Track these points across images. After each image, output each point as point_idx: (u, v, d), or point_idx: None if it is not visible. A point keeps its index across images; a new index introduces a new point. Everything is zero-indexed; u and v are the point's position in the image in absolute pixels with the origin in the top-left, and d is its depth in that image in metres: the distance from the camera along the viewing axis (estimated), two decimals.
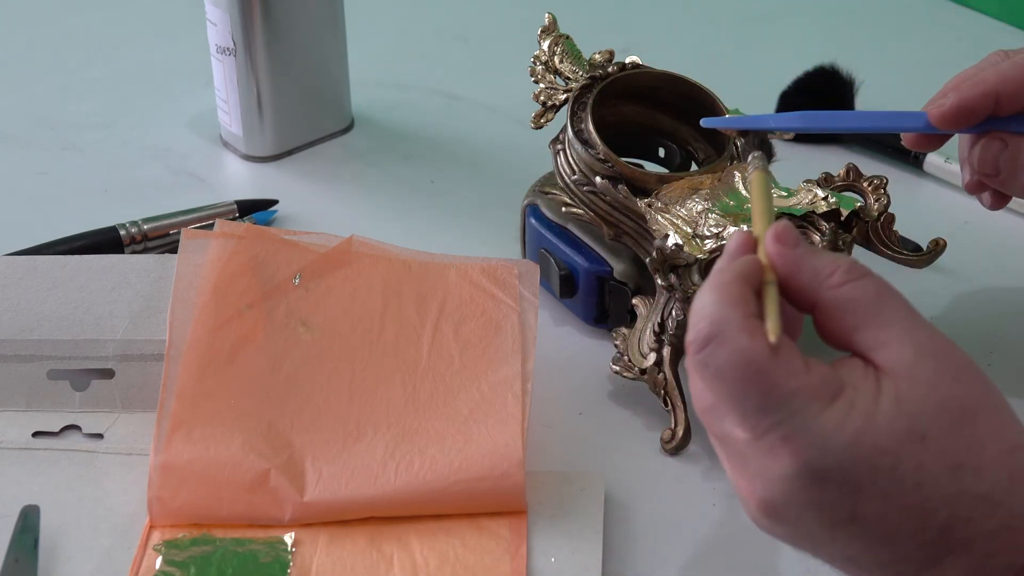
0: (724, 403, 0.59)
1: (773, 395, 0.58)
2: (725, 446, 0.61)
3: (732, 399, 0.59)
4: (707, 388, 0.60)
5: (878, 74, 1.06)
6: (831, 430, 0.58)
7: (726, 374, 0.59)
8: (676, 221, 0.80)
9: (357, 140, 1.05)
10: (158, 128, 1.06)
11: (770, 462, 0.58)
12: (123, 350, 0.82)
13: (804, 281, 0.61)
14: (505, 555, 0.73)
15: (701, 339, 0.59)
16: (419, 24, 1.18)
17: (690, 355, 0.60)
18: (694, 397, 0.62)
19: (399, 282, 0.83)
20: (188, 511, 0.75)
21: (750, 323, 0.59)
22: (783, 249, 0.61)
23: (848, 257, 0.62)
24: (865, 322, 0.60)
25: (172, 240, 0.94)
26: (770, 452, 0.58)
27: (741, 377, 0.58)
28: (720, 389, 0.59)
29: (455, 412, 0.78)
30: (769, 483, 0.59)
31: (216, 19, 0.98)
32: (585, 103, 0.85)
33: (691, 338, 0.60)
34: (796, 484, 0.58)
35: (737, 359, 0.58)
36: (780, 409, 0.58)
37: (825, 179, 0.85)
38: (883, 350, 0.59)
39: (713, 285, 0.60)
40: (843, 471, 0.58)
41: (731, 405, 0.59)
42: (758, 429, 0.59)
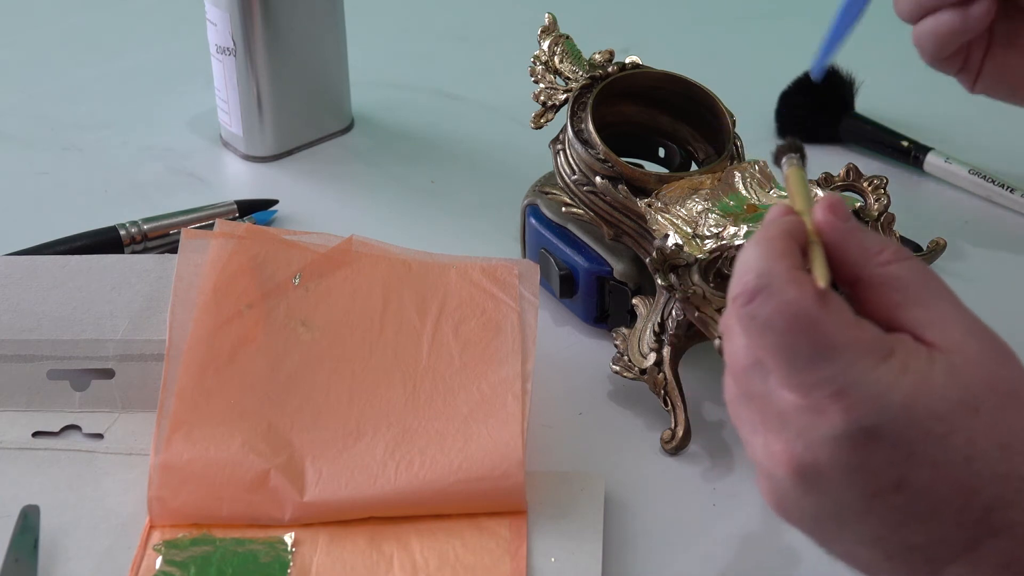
0: (772, 358, 0.58)
1: (825, 347, 0.57)
2: (763, 407, 0.59)
3: (781, 352, 0.57)
4: (752, 343, 0.58)
5: (878, 74, 1.06)
6: (885, 387, 0.56)
7: (776, 325, 0.57)
8: (676, 221, 0.80)
9: (357, 140, 1.05)
10: (158, 128, 1.06)
11: (817, 420, 0.57)
12: (123, 350, 0.82)
13: (852, 254, 0.60)
14: (505, 555, 0.73)
15: (749, 291, 0.58)
16: (419, 24, 1.18)
17: (735, 308, 0.58)
18: (731, 356, 0.60)
19: (399, 282, 0.83)
20: (188, 511, 0.75)
21: (798, 274, 0.58)
22: (835, 220, 0.60)
23: (894, 240, 0.61)
24: (913, 300, 0.59)
25: (172, 240, 0.94)
26: (818, 409, 0.57)
27: (792, 328, 0.57)
28: (768, 342, 0.57)
29: (455, 412, 0.78)
30: (813, 444, 0.57)
31: (216, 19, 0.98)
32: (585, 103, 0.85)
33: (737, 291, 0.58)
34: (845, 444, 0.56)
35: (787, 309, 0.57)
36: (832, 362, 0.57)
37: (825, 179, 0.85)
38: (931, 328, 0.58)
39: (758, 240, 0.59)
40: (896, 432, 0.56)
41: (779, 359, 0.57)
42: (807, 383, 0.57)
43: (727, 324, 0.60)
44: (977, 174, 0.98)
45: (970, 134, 1.03)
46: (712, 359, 0.80)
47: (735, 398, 0.61)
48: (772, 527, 0.76)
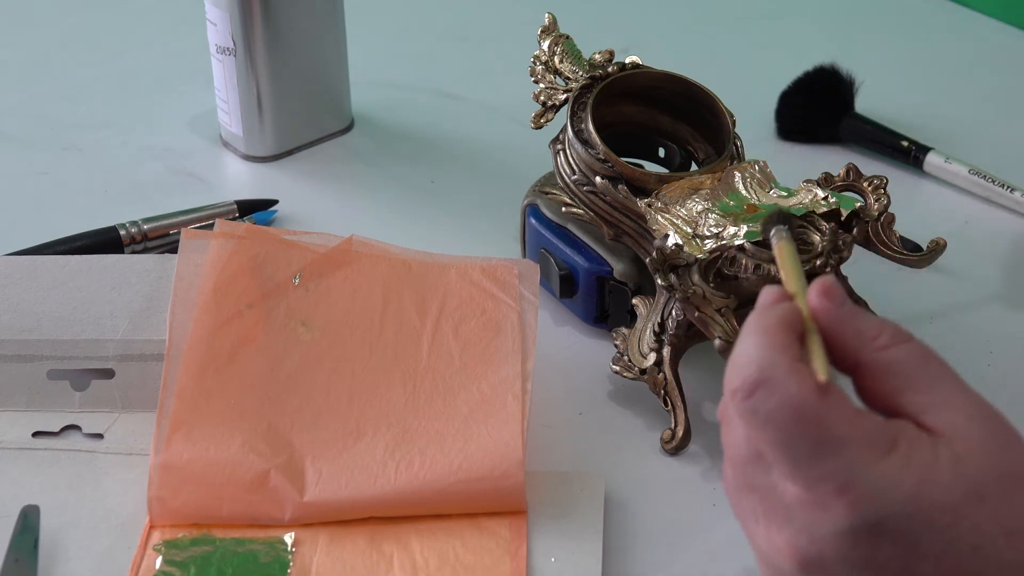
0: (774, 452, 0.57)
1: (828, 441, 0.56)
2: (765, 499, 0.59)
3: (784, 447, 0.57)
4: (754, 437, 0.58)
5: (878, 74, 1.06)
6: (890, 481, 0.56)
7: (778, 420, 0.57)
8: (676, 221, 0.80)
9: (357, 140, 1.05)
10: (158, 128, 1.06)
11: (821, 515, 0.57)
12: (123, 350, 0.82)
13: (848, 340, 0.59)
14: (505, 555, 0.73)
15: (749, 385, 0.57)
16: (419, 24, 1.18)
17: (736, 403, 0.58)
18: (731, 447, 0.60)
19: (399, 282, 0.83)
20: (188, 511, 0.75)
21: (798, 367, 0.57)
22: (830, 305, 0.60)
23: (892, 322, 0.61)
24: (912, 385, 0.59)
25: (172, 240, 0.94)
26: (822, 504, 0.56)
27: (794, 422, 0.57)
28: (771, 437, 0.57)
29: (455, 412, 0.78)
30: (818, 539, 0.57)
31: (216, 19, 0.98)
32: (585, 103, 0.85)
33: (736, 385, 0.58)
34: (849, 539, 0.56)
35: (789, 403, 0.57)
36: (836, 456, 0.56)
37: (825, 179, 0.85)
38: (933, 413, 0.58)
39: (756, 330, 0.59)
40: (901, 525, 0.56)
41: (782, 453, 0.57)
42: (811, 478, 0.57)
43: (725, 414, 0.60)
44: (977, 174, 0.98)
45: (970, 134, 1.03)
46: (712, 359, 0.80)
47: (735, 488, 0.61)
48: None
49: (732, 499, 0.61)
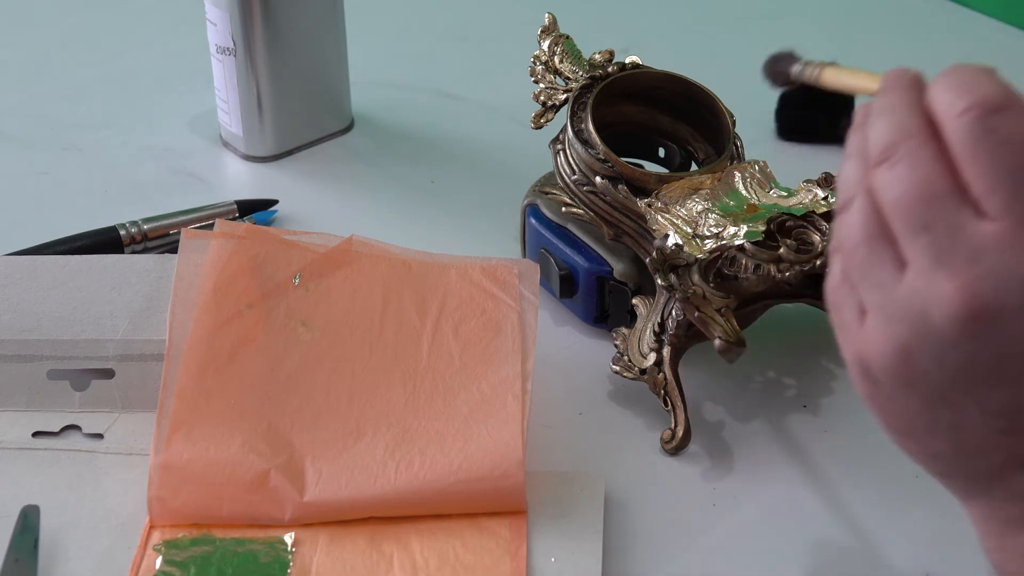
0: (996, 178, 0.54)
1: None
2: (943, 240, 0.55)
3: (1012, 173, 0.54)
4: (977, 159, 0.55)
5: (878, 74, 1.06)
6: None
7: (1018, 144, 0.54)
8: (676, 221, 0.80)
9: (357, 140, 1.05)
10: (158, 128, 1.06)
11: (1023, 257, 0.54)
12: (123, 350, 0.82)
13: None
14: (505, 555, 0.73)
15: (992, 104, 0.55)
16: (419, 24, 1.18)
17: (967, 120, 0.55)
18: (910, 184, 0.56)
19: (399, 282, 0.83)
20: (188, 511, 0.75)
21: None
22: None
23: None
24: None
25: (172, 240, 0.94)
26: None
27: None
28: (1002, 160, 0.54)
29: (455, 412, 0.78)
30: (1008, 283, 0.54)
31: (216, 19, 0.98)
32: (585, 103, 0.85)
33: (972, 102, 0.55)
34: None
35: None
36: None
37: (825, 179, 0.85)
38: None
39: (977, 67, 0.56)
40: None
41: (1007, 181, 0.54)
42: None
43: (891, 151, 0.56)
44: None
45: None
46: (712, 359, 0.81)
47: (872, 236, 0.57)
48: (772, 527, 0.76)
49: (863, 252, 0.57)
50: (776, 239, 0.80)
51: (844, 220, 0.58)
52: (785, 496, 0.78)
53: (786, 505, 0.77)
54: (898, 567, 0.74)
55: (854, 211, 0.58)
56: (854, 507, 0.77)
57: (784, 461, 0.80)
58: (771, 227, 0.80)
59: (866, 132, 0.58)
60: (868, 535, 0.76)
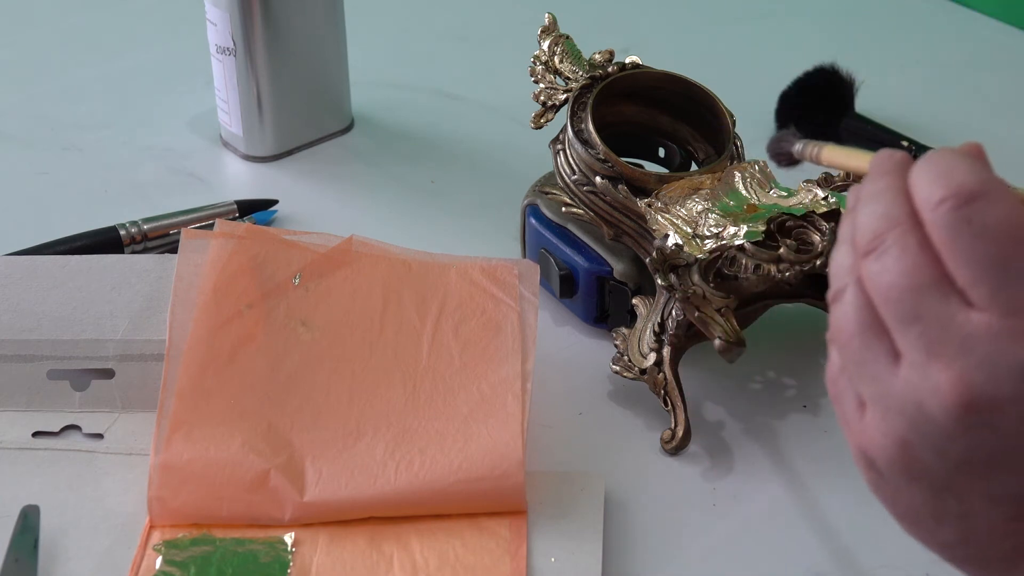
0: (977, 270, 0.54)
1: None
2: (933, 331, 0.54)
3: (993, 263, 0.53)
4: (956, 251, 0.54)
5: (878, 74, 1.06)
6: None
7: (996, 233, 0.53)
8: (676, 221, 0.80)
9: (357, 140, 1.05)
10: (158, 128, 1.06)
11: (1014, 345, 0.53)
12: (123, 350, 0.82)
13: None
14: (505, 555, 0.73)
15: (967, 194, 0.54)
16: (419, 24, 1.18)
17: (943, 212, 0.54)
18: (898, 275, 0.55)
19: (399, 282, 0.83)
20: (188, 511, 0.75)
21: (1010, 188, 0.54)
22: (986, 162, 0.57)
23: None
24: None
25: (172, 240, 0.94)
26: (1020, 333, 0.53)
27: (1014, 239, 0.53)
28: (980, 251, 0.54)
29: (455, 412, 0.78)
30: (1001, 373, 0.53)
31: (216, 19, 0.98)
32: (585, 103, 0.85)
33: (947, 193, 0.54)
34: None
35: (1013, 218, 0.53)
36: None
37: (825, 179, 0.85)
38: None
39: (957, 152, 0.56)
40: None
41: (988, 271, 0.53)
42: (1016, 302, 0.53)
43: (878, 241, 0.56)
44: None
45: (970, 134, 1.02)
46: (712, 359, 0.81)
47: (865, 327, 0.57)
48: (772, 527, 0.76)
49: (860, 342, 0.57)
50: (776, 239, 0.80)
51: (837, 311, 0.58)
52: (785, 496, 0.78)
53: (786, 505, 0.77)
54: (898, 567, 0.74)
55: (847, 302, 0.57)
56: (854, 507, 0.77)
57: (784, 461, 0.80)
58: (771, 227, 0.80)
59: (855, 218, 0.58)
60: (868, 535, 0.76)
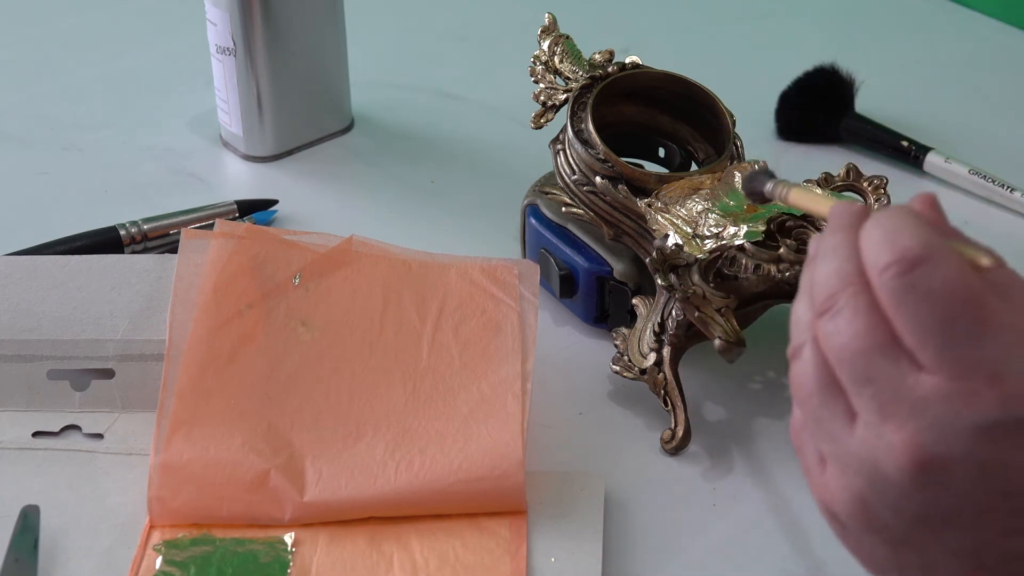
0: (923, 334, 0.54)
1: (986, 325, 0.54)
2: (883, 394, 0.55)
3: (939, 327, 0.54)
4: (902, 317, 0.55)
5: (878, 74, 1.06)
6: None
7: (940, 297, 0.54)
8: (676, 221, 0.80)
9: (357, 140, 1.05)
10: (158, 128, 1.06)
11: (964, 406, 0.53)
12: (123, 350, 0.82)
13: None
14: (505, 555, 0.73)
15: (911, 259, 0.54)
16: (419, 24, 1.18)
17: (888, 277, 0.55)
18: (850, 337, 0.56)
19: (399, 282, 0.83)
20: (188, 511, 0.75)
21: (955, 251, 0.55)
22: (940, 217, 0.58)
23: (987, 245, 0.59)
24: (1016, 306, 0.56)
25: (172, 240, 0.94)
26: (969, 394, 0.53)
27: (959, 301, 0.54)
28: (925, 315, 0.54)
29: (455, 412, 0.78)
30: (951, 434, 0.54)
31: (216, 19, 0.98)
32: (585, 103, 0.85)
33: (892, 259, 0.55)
34: (988, 435, 0.53)
35: (956, 280, 0.54)
36: (992, 342, 0.54)
37: (825, 179, 0.85)
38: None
39: (907, 212, 0.56)
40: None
41: (935, 335, 0.54)
42: (963, 364, 0.54)
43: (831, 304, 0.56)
44: (977, 174, 0.98)
45: (970, 134, 1.03)
46: (712, 359, 0.81)
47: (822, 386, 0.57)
48: (772, 527, 0.76)
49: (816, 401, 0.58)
50: (776, 239, 0.80)
51: (796, 368, 0.59)
52: (785, 496, 0.78)
53: (786, 505, 0.77)
54: None
55: (805, 360, 0.58)
56: None
57: (784, 461, 0.80)
58: (771, 227, 0.80)
59: (814, 272, 0.58)
60: None
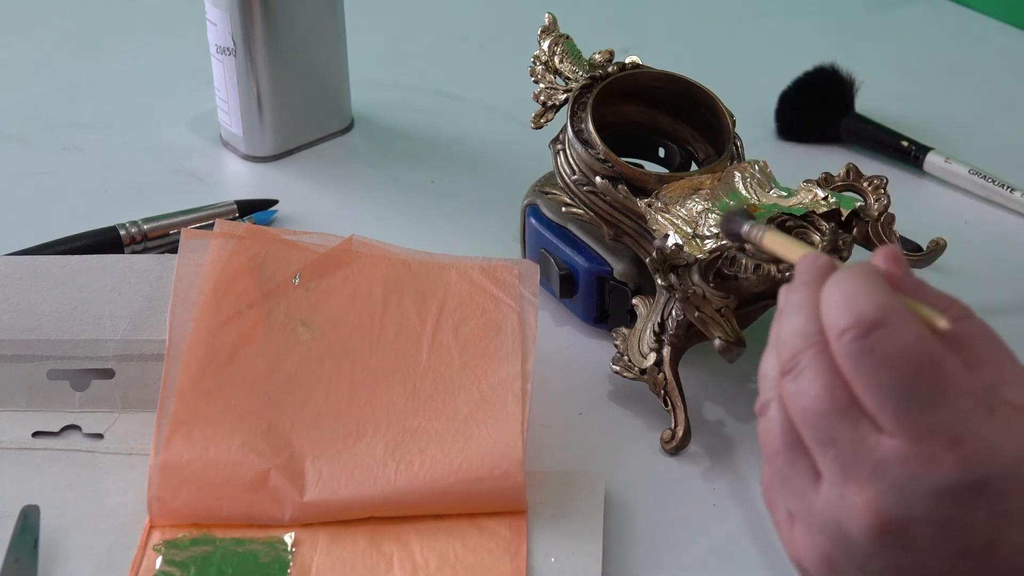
0: (882, 399, 0.54)
1: (945, 390, 0.54)
2: (844, 456, 0.56)
3: (897, 391, 0.54)
4: (859, 381, 0.55)
5: (878, 74, 1.06)
6: (997, 441, 0.54)
7: (897, 362, 0.54)
8: (676, 221, 0.80)
9: (357, 140, 1.05)
10: (158, 128, 1.06)
11: (923, 470, 0.54)
12: (123, 350, 0.82)
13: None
14: (505, 555, 0.73)
15: (868, 323, 0.54)
16: (419, 24, 1.18)
17: (846, 342, 0.55)
18: (811, 399, 0.56)
19: (399, 282, 0.83)
20: (188, 511, 0.75)
21: (913, 313, 0.55)
22: (900, 272, 0.58)
23: (954, 296, 0.59)
24: (981, 359, 0.57)
25: (172, 240, 0.94)
26: (929, 458, 0.54)
27: (916, 366, 0.54)
28: (884, 381, 0.54)
29: (455, 412, 0.78)
30: (911, 497, 0.54)
31: (216, 19, 0.98)
32: (585, 103, 0.85)
33: (848, 323, 0.55)
34: (948, 498, 0.54)
35: (913, 345, 0.54)
36: (951, 407, 0.54)
37: (825, 179, 0.85)
38: (1006, 387, 0.56)
39: (863, 273, 0.56)
40: (1001, 488, 0.54)
41: (893, 400, 0.54)
42: (921, 428, 0.54)
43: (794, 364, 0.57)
44: (977, 174, 0.98)
45: (970, 134, 1.03)
46: (712, 359, 0.81)
47: (788, 445, 0.58)
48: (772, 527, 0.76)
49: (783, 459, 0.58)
50: None
51: (763, 425, 0.59)
52: None
53: None
54: None
55: (771, 418, 0.58)
56: None
57: None
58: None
59: (780, 327, 0.59)
60: None
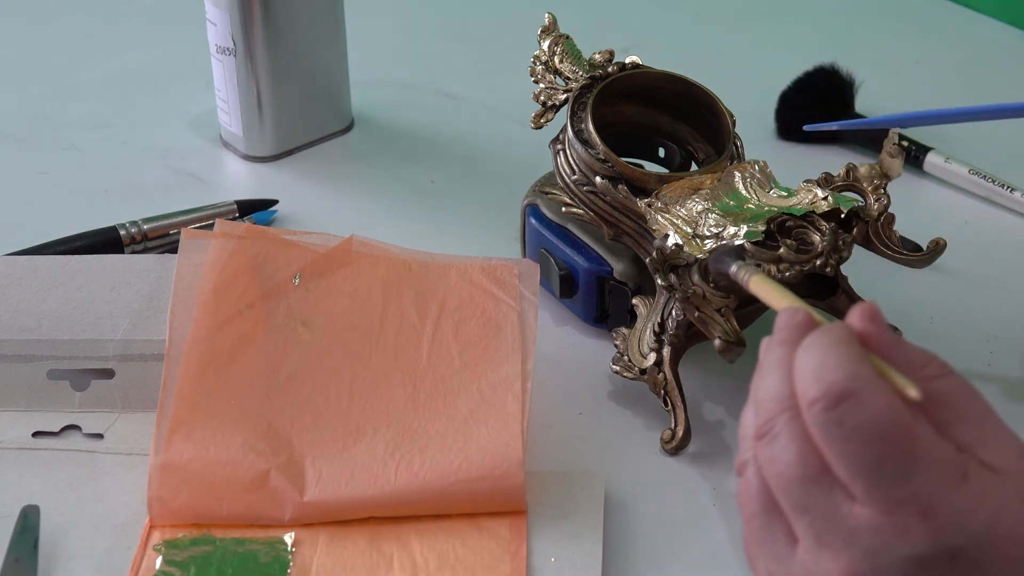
0: (852, 469, 0.55)
1: (915, 461, 0.54)
2: (818, 523, 0.56)
3: (867, 464, 0.54)
4: (830, 452, 0.55)
5: (878, 74, 1.06)
6: (969, 509, 0.54)
7: (867, 434, 0.54)
8: (676, 221, 0.80)
9: (357, 140, 1.05)
10: (158, 128, 1.06)
11: (896, 540, 0.54)
12: (123, 350, 0.82)
13: (897, 368, 0.57)
14: (505, 555, 0.73)
15: (836, 395, 0.55)
16: (419, 24, 1.18)
17: (815, 413, 0.55)
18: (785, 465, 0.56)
19: (399, 282, 0.83)
20: (188, 511, 0.75)
21: (884, 382, 0.55)
22: (875, 330, 0.57)
23: (931, 352, 0.59)
24: (960, 418, 0.57)
25: (172, 240, 0.94)
26: (901, 528, 0.54)
27: (884, 438, 0.54)
28: (853, 452, 0.54)
29: (455, 412, 0.78)
30: (885, 565, 0.54)
31: (216, 19, 0.98)
32: (585, 103, 0.85)
33: (817, 394, 0.55)
34: (922, 566, 0.54)
35: (882, 417, 0.54)
36: (921, 477, 0.54)
37: (825, 179, 0.85)
38: (985, 448, 0.56)
39: (832, 341, 0.56)
40: (974, 556, 0.54)
41: (863, 471, 0.54)
42: (893, 498, 0.54)
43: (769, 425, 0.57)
44: (977, 174, 0.98)
45: (970, 134, 1.03)
46: (712, 359, 0.80)
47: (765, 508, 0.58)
48: None
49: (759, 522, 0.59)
50: (776, 239, 0.80)
51: (741, 486, 0.59)
52: None
53: None
54: None
55: (748, 480, 0.59)
56: None
57: None
58: (771, 227, 0.80)
59: (758, 388, 0.59)
60: None
